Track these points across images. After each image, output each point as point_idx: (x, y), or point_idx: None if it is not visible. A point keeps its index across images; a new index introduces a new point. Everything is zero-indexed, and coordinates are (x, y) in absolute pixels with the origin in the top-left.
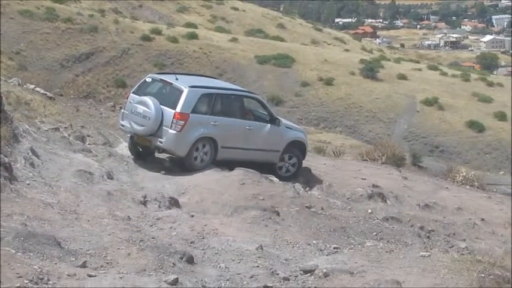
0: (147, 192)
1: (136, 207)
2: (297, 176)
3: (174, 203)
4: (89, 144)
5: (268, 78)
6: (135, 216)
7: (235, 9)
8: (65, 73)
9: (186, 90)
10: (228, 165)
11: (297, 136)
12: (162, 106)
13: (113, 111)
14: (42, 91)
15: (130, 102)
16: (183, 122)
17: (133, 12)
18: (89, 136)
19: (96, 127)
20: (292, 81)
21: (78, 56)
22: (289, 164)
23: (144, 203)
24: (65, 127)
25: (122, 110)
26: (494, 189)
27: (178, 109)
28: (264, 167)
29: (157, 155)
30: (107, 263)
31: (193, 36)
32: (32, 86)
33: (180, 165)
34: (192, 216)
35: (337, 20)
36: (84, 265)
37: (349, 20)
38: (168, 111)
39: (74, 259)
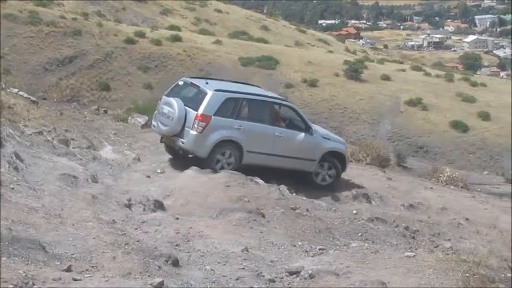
0: (131, 196)
1: (121, 211)
2: (333, 186)
3: (159, 205)
4: (73, 147)
5: (253, 80)
6: (120, 220)
7: (219, 11)
8: (49, 77)
9: (210, 93)
10: (260, 172)
11: (335, 147)
12: (187, 108)
13: (97, 114)
14: (25, 95)
15: (160, 103)
16: (204, 124)
17: (116, 15)
18: (73, 140)
19: (80, 130)
20: (276, 83)
21: (61, 59)
22: (326, 173)
23: (129, 206)
24: (49, 131)
25: (155, 111)
26: (479, 189)
27: (200, 111)
28: (300, 175)
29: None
30: (92, 267)
31: (177, 39)
32: (16, 90)
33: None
34: (177, 218)
35: (320, 21)
36: (69, 269)
37: (333, 21)
38: (192, 113)
39: (59, 263)
